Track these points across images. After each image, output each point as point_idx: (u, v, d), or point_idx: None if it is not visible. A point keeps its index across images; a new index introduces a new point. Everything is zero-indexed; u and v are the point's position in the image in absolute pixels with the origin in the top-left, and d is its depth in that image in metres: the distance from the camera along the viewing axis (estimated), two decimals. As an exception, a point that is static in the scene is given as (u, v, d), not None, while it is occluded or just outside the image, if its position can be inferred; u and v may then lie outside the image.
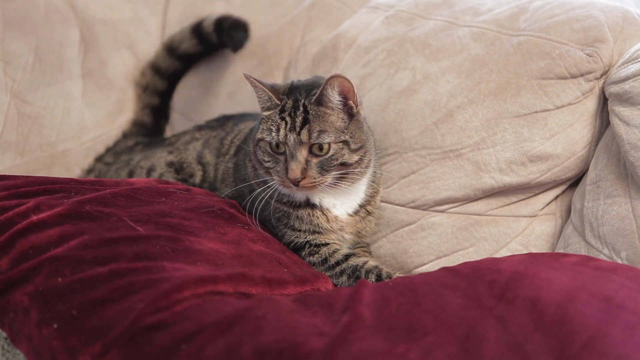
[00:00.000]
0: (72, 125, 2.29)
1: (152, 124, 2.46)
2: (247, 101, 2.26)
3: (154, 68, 2.44)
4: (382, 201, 1.89)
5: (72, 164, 2.29)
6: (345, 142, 1.62)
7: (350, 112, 1.64)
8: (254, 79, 1.64)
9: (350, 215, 1.77)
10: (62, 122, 2.26)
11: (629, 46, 1.70)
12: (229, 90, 2.34)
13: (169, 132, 2.51)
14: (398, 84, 1.92)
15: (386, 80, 1.94)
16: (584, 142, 1.74)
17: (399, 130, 1.87)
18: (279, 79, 2.24)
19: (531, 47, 1.76)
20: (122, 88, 2.44)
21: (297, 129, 1.59)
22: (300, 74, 2.14)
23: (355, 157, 1.64)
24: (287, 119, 1.61)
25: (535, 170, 1.75)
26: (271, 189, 1.67)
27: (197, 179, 1.97)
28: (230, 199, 1.83)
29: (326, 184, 1.62)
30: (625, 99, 1.61)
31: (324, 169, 1.60)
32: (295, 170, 1.58)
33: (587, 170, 1.75)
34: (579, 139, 1.74)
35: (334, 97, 1.61)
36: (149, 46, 2.50)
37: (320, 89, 1.60)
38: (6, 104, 2.16)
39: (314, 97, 1.62)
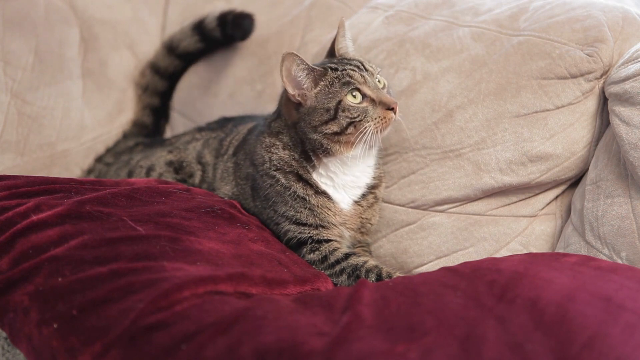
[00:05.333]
0: (72, 125, 2.29)
1: (152, 124, 2.46)
2: (247, 101, 2.26)
3: (154, 68, 2.44)
4: (382, 201, 1.89)
5: (72, 164, 2.29)
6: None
7: None
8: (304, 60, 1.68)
9: (357, 201, 1.78)
10: (62, 122, 2.26)
11: (629, 46, 1.70)
12: (229, 91, 2.34)
13: (169, 132, 2.51)
14: (398, 84, 1.92)
15: (386, 80, 1.94)
16: (584, 142, 1.74)
17: (399, 130, 1.87)
18: (279, 79, 2.23)
19: (531, 47, 1.76)
20: (122, 88, 2.43)
21: (364, 68, 1.70)
22: (300, 74, 2.14)
23: None
24: (347, 67, 1.69)
25: (535, 170, 1.75)
26: (310, 171, 1.73)
27: (197, 178, 1.97)
28: (230, 199, 1.83)
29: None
30: (625, 99, 1.61)
31: None
32: (389, 97, 1.67)
33: (587, 170, 1.75)
34: (579, 139, 1.74)
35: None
36: (149, 46, 2.50)
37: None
38: (6, 104, 2.16)
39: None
